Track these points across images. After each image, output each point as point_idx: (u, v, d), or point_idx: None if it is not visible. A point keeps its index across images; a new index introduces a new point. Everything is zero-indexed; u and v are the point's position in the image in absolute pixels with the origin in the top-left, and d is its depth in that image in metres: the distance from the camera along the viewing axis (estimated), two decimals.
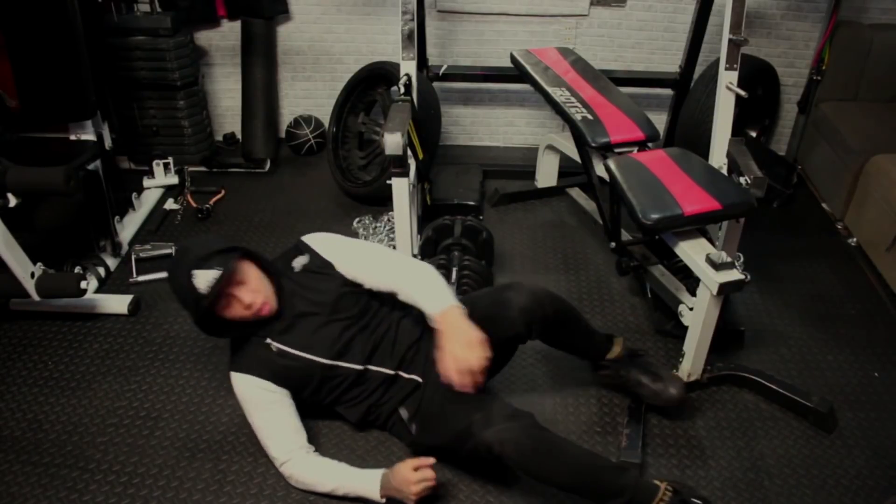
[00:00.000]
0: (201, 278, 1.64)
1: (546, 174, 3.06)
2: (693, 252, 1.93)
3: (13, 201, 1.97)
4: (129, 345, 2.25)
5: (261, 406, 1.76)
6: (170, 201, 2.99)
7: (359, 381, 1.81)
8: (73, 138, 2.40)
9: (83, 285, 2.14)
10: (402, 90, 2.20)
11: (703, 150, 2.20)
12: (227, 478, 1.82)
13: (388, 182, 2.14)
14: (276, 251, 2.44)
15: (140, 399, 2.05)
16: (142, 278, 2.53)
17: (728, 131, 2.16)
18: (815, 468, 1.87)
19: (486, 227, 2.47)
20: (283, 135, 3.43)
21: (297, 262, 1.84)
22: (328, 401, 1.84)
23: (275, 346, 1.76)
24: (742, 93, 2.16)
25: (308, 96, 3.42)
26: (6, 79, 2.29)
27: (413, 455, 1.82)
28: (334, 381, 1.79)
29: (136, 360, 2.19)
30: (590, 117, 2.28)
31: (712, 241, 2.07)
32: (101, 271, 2.51)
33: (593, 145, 2.23)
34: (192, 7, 3.07)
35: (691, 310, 2.03)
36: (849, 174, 2.84)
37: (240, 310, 1.71)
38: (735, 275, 1.85)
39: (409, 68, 2.29)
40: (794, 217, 2.99)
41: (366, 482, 1.70)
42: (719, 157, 2.13)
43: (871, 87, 3.10)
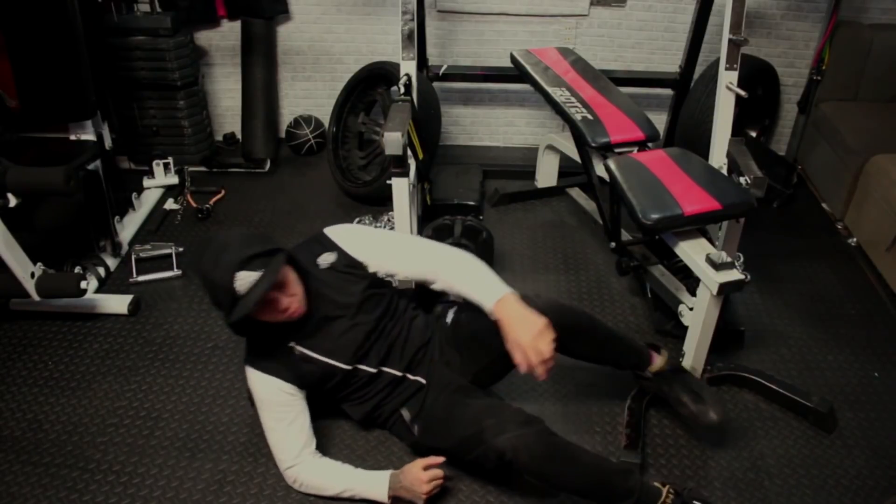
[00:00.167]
0: (242, 280, 1.53)
1: (546, 174, 3.06)
2: (693, 252, 1.94)
3: (13, 201, 1.97)
4: (129, 345, 2.25)
5: (278, 409, 1.72)
6: (170, 201, 2.99)
7: (370, 381, 1.81)
8: (73, 138, 2.40)
9: (83, 285, 2.14)
10: (402, 90, 2.20)
11: (703, 150, 2.20)
12: (227, 478, 1.82)
13: (388, 182, 2.14)
14: None
15: (140, 399, 2.05)
16: (142, 278, 2.53)
17: (728, 131, 2.16)
18: (815, 468, 1.87)
19: (486, 227, 2.47)
20: (283, 135, 3.43)
21: (322, 259, 1.76)
22: (336, 398, 1.84)
23: (298, 350, 1.73)
24: (742, 93, 2.16)
25: (308, 96, 3.42)
26: (6, 79, 2.29)
27: (414, 455, 1.83)
28: (349, 382, 1.80)
29: (136, 360, 2.19)
30: (590, 117, 2.28)
31: (712, 241, 2.07)
32: (101, 271, 2.51)
33: (593, 145, 2.23)
34: (192, 7, 3.07)
35: (691, 310, 2.03)
36: (849, 174, 2.84)
37: (275, 314, 1.63)
38: (735, 275, 1.85)
39: (409, 68, 2.29)
40: (794, 217, 2.99)
41: (373, 484, 1.70)
42: (719, 157, 2.13)
43: (871, 87, 3.10)
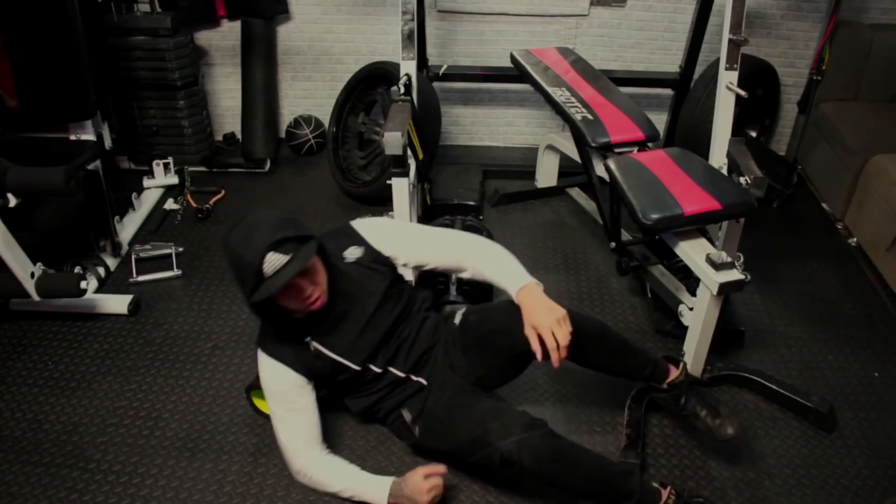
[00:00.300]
0: (271, 262, 1.50)
1: (546, 174, 3.06)
2: (693, 252, 1.94)
3: (13, 201, 1.97)
4: (129, 345, 2.25)
5: (288, 399, 1.71)
6: (170, 201, 2.99)
7: (374, 379, 1.81)
8: (73, 138, 2.40)
9: (83, 285, 2.14)
10: (402, 90, 2.20)
11: (703, 150, 2.20)
12: (227, 478, 1.82)
13: (388, 182, 2.14)
14: None
15: (140, 399, 2.05)
16: (142, 278, 2.53)
17: (728, 131, 2.16)
18: (815, 468, 1.87)
19: (486, 227, 2.47)
20: (283, 135, 3.43)
21: (349, 252, 1.75)
22: (339, 391, 1.84)
23: (313, 346, 1.72)
24: (742, 93, 2.16)
25: (308, 96, 3.42)
26: (6, 79, 2.28)
27: (415, 455, 1.83)
28: (355, 379, 1.80)
29: (136, 360, 2.19)
30: (590, 117, 2.28)
31: (712, 241, 2.07)
32: (101, 271, 2.51)
33: (593, 145, 2.23)
34: (192, 7, 3.07)
35: (691, 310, 2.03)
36: (849, 174, 2.84)
37: (295, 301, 1.61)
38: (735, 275, 1.85)
39: (409, 68, 2.29)
40: (794, 217, 2.99)
41: (374, 489, 1.70)
42: (719, 157, 2.13)
43: (871, 87, 3.10)
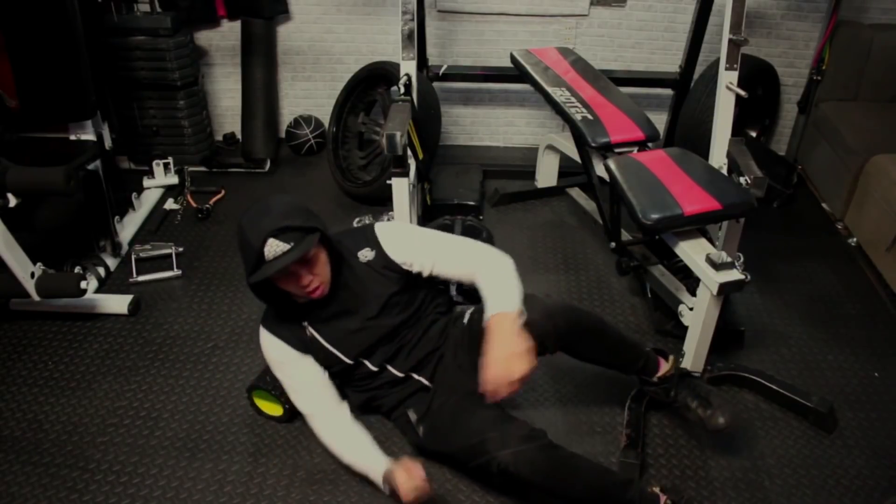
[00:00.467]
0: (272, 247, 1.57)
1: (546, 174, 3.06)
2: (693, 252, 1.94)
3: (13, 201, 1.97)
4: (129, 345, 2.25)
5: (286, 364, 1.78)
6: (170, 201, 2.99)
7: (369, 376, 1.83)
8: (73, 138, 2.40)
9: (83, 285, 2.14)
10: (402, 90, 2.20)
11: (703, 150, 2.20)
12: (227, 478, 1.82)
13: (388, 182, 2.14)
14: None
15: (140, 399, 2.05)
16: (142, 278, 2.53)
17: (728, 131, 2.16)
18: (815, 468, 1.87)
19: (486, 227, 2.47)
20: (283, 135, 3.43)
21: (362, 253, 1.79)
22: (337, 382, 1.85)
23: (309, 332, 1.76)
24: (742, 93, 2.16)
25: (308, 96, 3.42)
26: (6, 79, 2.28)
27: (416, 455, 1.84)
28: (348, 372, 1.82)
29: (136, 360, 2.19)
30: (590, 117, 2.28)
31: (712, 241, 2.07)
32: (101, 271, 2.51)
33: (593, 145, 2.23)
34: (192, 7, 3.07)
35: (691, 310, 2.03)
36: (849, 174, 2.84)
37: (293, 286, 1.67)
38: (735, 275, 1.85)
39: (409, 68, 2.29)
40: (794, 217, 2.99)
41: (373, 467, 1.71)
42: (719, 157, 2.13)
43: (871, 87, 3.10)
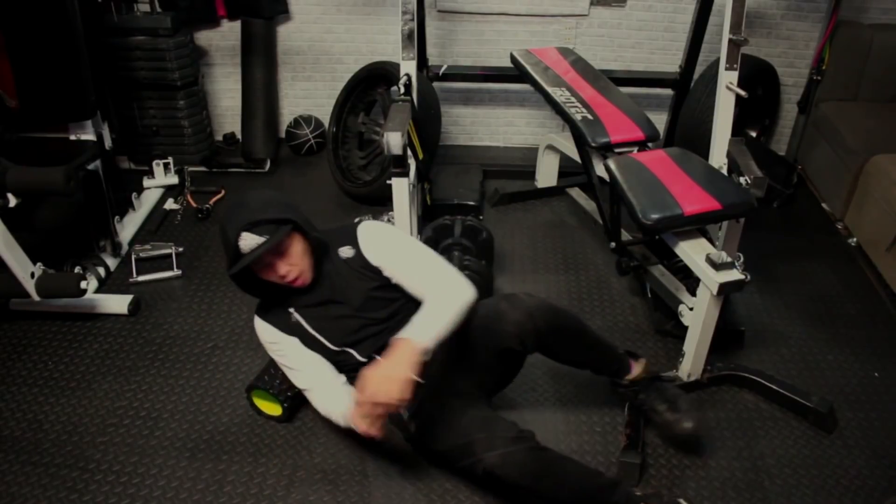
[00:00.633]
0: (247, 240, 1.64)
1: (546, 174, 3.06)
2: (693, 252, 1.93)
3: (13, 201, 1.97)
4: (129, 345, 2.25)
5: (279, 344, 1.81)
6: (170, 201, 2.99)
7: (359, 367, 1.81)
8: (73, 138, 2.40)
9: (83, 285, 2.14)
10: (402, 90, 2.20)
11: (703, 150, 2.20)
12: (227, 478, 1.82)
13: (388, 182, 2.14)
14: None
15: (140, 399, 2.05)
16: (142, 278, 2.53)
17: (728, 131, 2.16)
18: (815, 468, 1.87)
19: (486, 227, 2.46)
20: (283, 135, 3.43)
21: (343, 250, 1.82)
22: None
23: (294, 318, 1.79)
24: (742, 93, 2.16)
25: (308, 96, 3.42)
26: (6, 79, 2.28)
27: (413, 452, 1.85)
28: (335, 360, 1.81)
29: (136, 360, 2.19)
30: (590, 117, 2.28)
31: (712, 241, 2.07)
32: (101, 271, 2.51)
33: (593, 145, 2.23)
34: (192, 7, 3.06)
35: (691, 310, 2.03)
36: (849, 174, 2.84)
37: (273, 276, 1.73)
38: (735, 275, 1.85)
39: (409, 68, 2.29)
40: (794, 217, 2.99)
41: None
42: (719, 157, 2.13)
43: (871, 87, 3.10)
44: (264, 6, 3.09)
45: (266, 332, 1.83)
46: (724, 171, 2.09)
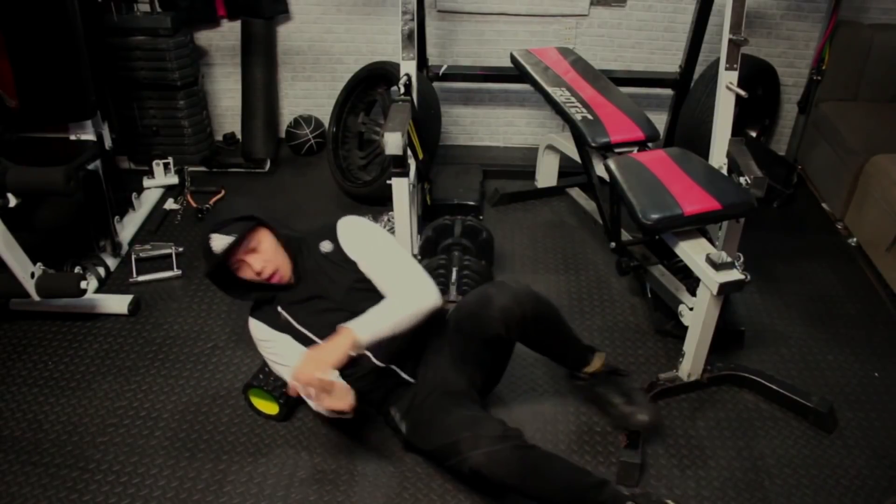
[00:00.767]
0: (217, 241, 1.75)
1: (546, 174, 3.06)
2: (693, 252, 1.93)
3: (13, 201, 1.97)
4: (129, 345, 2.25)
5: (271, 342, 1.84)
6: (170, 201, 2.99)
7: (350, 362, 1.81)
8: (73, 138, 2.40)
9: (83, 285, 2.14)
10: (402, 90, 2.20)
11: (703, 150, 2.20)
12: (227, 478, 1.82)
13: (388, 182, 2.14)
14: None
15: (140, 399, 2.05)
16: (142, 278, 2.53)
17: (728, 131, 2.16)
18: (815, 468, 1.87)
19: (486, 227, 2.46)
20: (283, 135, 3.43)
21: (323, 245, 1.89)
22: None
23: (283, 316, 1.83)
24: (742, 93, 2.16)
25: (308, 96, 3.42)
26: (6, 79, 2.28)
27: (406, 452, 1.86)
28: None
29: (136, 360, 2.19)
30: (590, 117, 2.28)
31: (712, 241, 2.07)
32: (101, 271, 2.51)
33: (593, 145, 2.23)
34: (192, 7, 3.07)
35: (691, 310, 2.03)
36: (849, 174, 2.84)
37: (250, 274, 1.81)
38: (735, 275, 1.85)
39: (409, 68, 2.29)
40: (794, 217, 2.99)
41: None
42: (719, 157, 2.13)
43: (871, 87, 3.10)
44: (264, 6, 3.09)
45: (258, 331, 1.87)
46: (724, 171, 2.09)
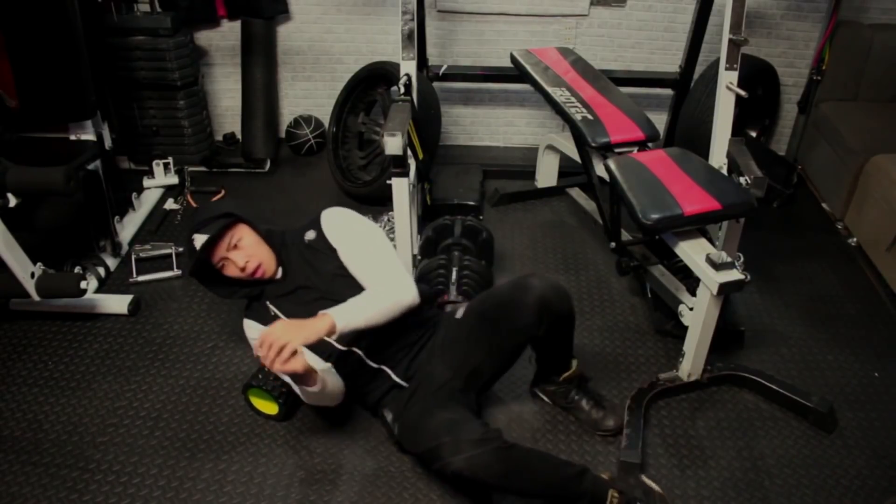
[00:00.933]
0: (200, 241, 1.80)
1: (546, 174, 3.06)
2: (693, 252, 1.93)
3: (13, 201, 1.96)
4: (129, 345, 2.25)
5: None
6: (170, 201, 2.99)
7: (342, 358, 1.83)
8: (73, 138, 2.40)
9: (83, 285, 2.14)
10: (402, 90, 2.20)
11: (703, 150, 2.20)
12: (227, 478, 1.82)
13: (388, 182, 2.14)
14: None
15: (140, 399, 2.05)
16: (142, 278, 2.53)
17: (728, 131, 2.16)
18: (815, 468, 1.87)
19: (486, 227, 2.46)
20: (283, 135, 3.43)
21: (308, 235, 1.92)
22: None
23: (272, 311, 1.87)
24: (742, 93, 2.16)
25: (308, 96, 3.42)
26: (6, 79, 2.28)
27: (401, 453, 1.86)
28: (320, 353, 1.80)
29: (136, 360, 2.19)
30: (590, 117, 2.28)
31: (712, 241, 2.07)
32: (101, 271, 2.51)
33: (593, 145, 2.23)
34: (192, 7, 3.07)
35: (691, 310, 2.03)
36: (849, 174, 2.84)
37: (235, 271, 1.84)
38: (735, 275, 1.85)
39: (409, 68, 2.29)
40: (794, 217, 2.99)
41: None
42: (719, 157, 2.13)
43: (871, 87, 3.10)
44: (264, 6, 3.09)
45: (250, 329, 1.89)
46: (724, 171, 2.09)
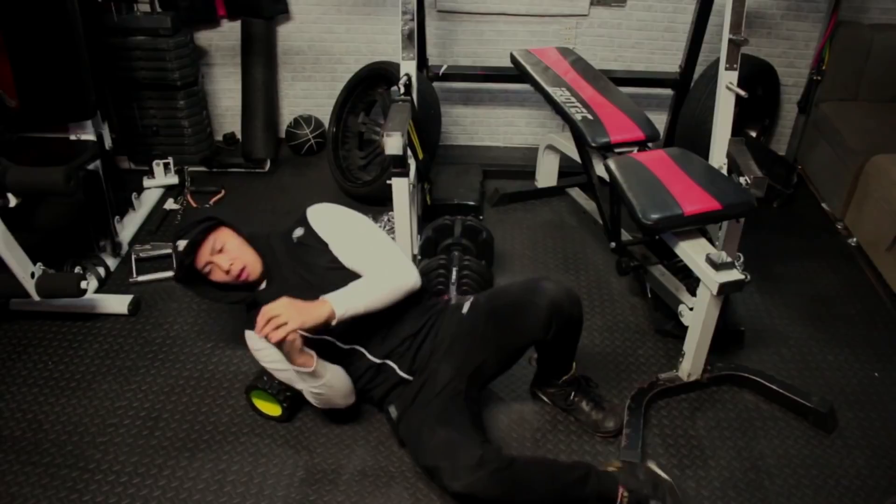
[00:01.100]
0: (182, 246, 1.83)
1: (546, 174, 3.06)
2: (693, 252, 1.93)
3: (13, 201, 1.96)
4: (129, 345, 2.25)
5: (265, 350, 1.80)
6: (170, 201, 2.99)
7: (344, 355, 1.82)
8: (73, 138, 2.40)
9: (83, 285, 2.14)
10: (402, 90, 2.20)
11: (703, 150, 2.20)
12: (227, 478, 1.82)
13: (388, 182, 2.14)
14: None
15: (140, 399, 2.05)
16: (142, 278, 2.53)
17: (728, 131, 2.16)
18: (815, 468, 1.87)
19: (486, 227, 2.46)
20: (283, 135, 3.43)
21: (295, 233, 1.91)
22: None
23: None
24: (742, 93, 2.16)
25: (308, 96, 3.42)
26: (6, 79, 2.28)
27: (402, 448, 1.87)
28: (320, 350, 1.78)
29: (136, 360, 2.19)
30: (590, 117, 2.28)
31: (712, 241, 2.07)
32: (101, 271, 2.51)
33: (593, 145, 2.23)
34: (192, 7, 3.07)
35: (691, 310, 2.03)
36: (849, 174, 2.84)
37: (221, 275, 1.85)
38: (735, 275, 1.85)
39: (409, 68, 2.29)
40: (794, 217, 2.99)
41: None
42: (719, 157, 2.13)
43: (871, 87, 3.10)
44: (264, 6, 3.09)
45: (251, 340, 1.85)
46: (724, 171, 2.09)
